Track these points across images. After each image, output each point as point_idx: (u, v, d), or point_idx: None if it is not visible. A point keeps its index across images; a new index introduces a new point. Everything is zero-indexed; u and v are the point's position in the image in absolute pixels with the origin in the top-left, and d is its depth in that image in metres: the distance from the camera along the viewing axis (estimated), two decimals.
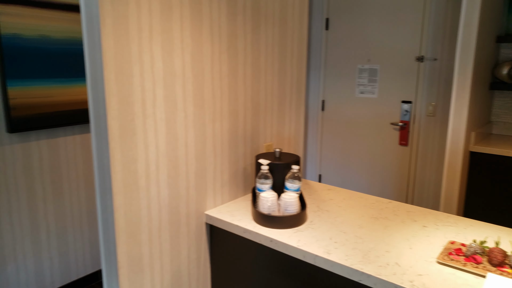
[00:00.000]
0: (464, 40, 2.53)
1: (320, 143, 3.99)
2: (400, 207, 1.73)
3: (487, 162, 2.74)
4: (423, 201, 3.42)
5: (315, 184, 2.05)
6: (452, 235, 1.46)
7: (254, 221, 1.58)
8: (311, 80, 3.97)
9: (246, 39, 1.74)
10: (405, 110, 3.36)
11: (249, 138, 1.85)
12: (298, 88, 2.12)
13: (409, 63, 3.31)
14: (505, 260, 1.21)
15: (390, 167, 3.55)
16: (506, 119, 3.17)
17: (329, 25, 3.75)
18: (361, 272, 1.23)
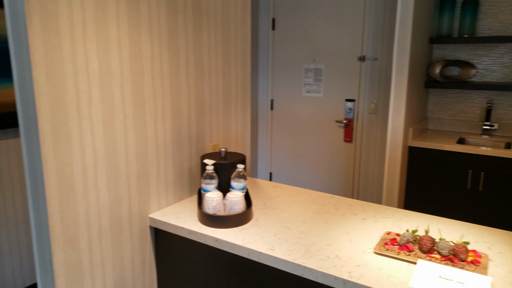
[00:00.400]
0: (399, 41, 2.67)
1: (270, 141, 4.04)
2: (341, 201, 1.79)
3: (424, 156, 2.90)
4: (367, 195, 3.57)
5: (262, 182, 2.07)
6: (389, 226, 1.53)
7: (199, 222, 1.58)
8: (260, 80, 4.01)
9: (187, 38, 1.72)
10: (348, 108, 3.48)
11: (194, 138, 1.83)
12: (243, 87, 2.13)
13: (351, 62, 3.44)
14: (434, 247, 1.30)
15: (336, 163, 3.67)
16: (440, 115, 3.38)
17: (275, 25, 3.80)
18: (303, 266, 1.26)
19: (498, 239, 1.43)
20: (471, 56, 3.18)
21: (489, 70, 3.13)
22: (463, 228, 1.51)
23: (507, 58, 3.05)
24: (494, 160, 2.66)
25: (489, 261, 1.28)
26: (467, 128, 3.26)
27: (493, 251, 1.34)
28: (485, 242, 1.41)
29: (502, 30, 3.04)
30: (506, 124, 3.10)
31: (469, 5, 3.00)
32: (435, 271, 1.18)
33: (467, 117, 3.26)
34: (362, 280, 1.17)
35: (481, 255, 1.28)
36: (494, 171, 2.67)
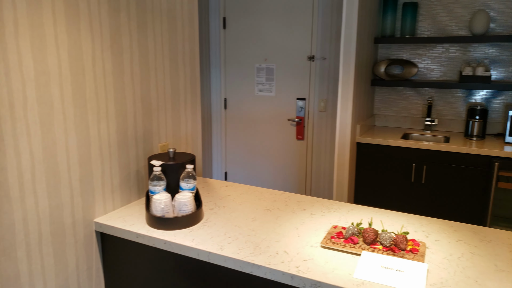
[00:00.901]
0: (346, 41, 2.76)
1: (225, 141, 4.03)
2: (291, 198, 1.82)
3: (371, 151, 3.02)
4: (320, 191, 3.65)
5: (214, 182, 2.06)
6: (335, 220, 1.58)
7: (147, 225, 1.54)
8: (212, 79, 3.98)
9: (131, 36, 1.68)
10: (300, 107, 3.55)
11: (141, 139, 1.79)
12: (192, 86, 2.11)
13: (302, 62, 3.51)
14: (377, 238, 1.35)
15: (289, 161, 3.73)
16: (386, 112, 3.53)
17: (226, 24, 3.80)
18: (252, 263, 1.27)
19: (435, 228, 1.51)
20: (412, 55, 3.34)
21: (429, 69, 3.31)
22: (404, 219, 1.59)
23: (444, 58, 3.24)
24: (435, 153, 2.81)
25: (427, 249, 1.36)
26: (411, 124, 3.43)
27: (430, 239, 1.42)
28: (423, 231, 1.49)
29: (439, 31, 3.22)
30: (445, 119, 3.29)
31: (409, 7, 3.15)
32: (377, 261, 1.23)
33: (410, 113, 3.43)
34: (309, 274, 1.20)
35: (419, 244, 1.35)
36: (435, 164, 2.83)
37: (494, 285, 1.14)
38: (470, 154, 2.72)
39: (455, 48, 3.20)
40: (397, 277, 1.17)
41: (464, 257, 1.29)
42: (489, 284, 1.14)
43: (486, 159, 2.68)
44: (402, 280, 1.15)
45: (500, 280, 1.16)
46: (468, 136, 3.03)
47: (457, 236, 1.44)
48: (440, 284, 1.14)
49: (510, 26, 3.00)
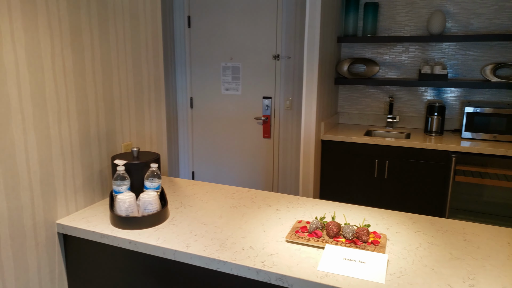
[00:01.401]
0: (309, 40, 2.81)
1: (192, 140, 4.00)
2: (257, 195, 1.84)
3: (335, 148, 3.09)
4: (286, 187, 3.70)
5: (180, 181, 2.05)
6: (300, 215, 1.61)
7: (112, 225, 1.52)
8: (178, 78, 3.95)
9: (92, 34, 1.64)
10: (266, 105, 3.58)
11: (104, 138, 1.76)
12: (156, 84, 2.09)
13: (267, 61, 3.54)
14: (340, 231, 1.39)
15: (257, 159, 3.76)
16: (349, 109, 3.62)
17: (191, 23, 3.77)
18: (218, 260, 1.28)
19: (395, 220, 1.58)
20: (374, 54, 3.45)
21: (390, 67, 3.42)
22: (366, 213, 1.64)
23: (404, 56, 3.36)
24: (396, 149, 2.92)
25: (387, 240, 1.41)
26: (374, 121, 3.53)
27: (390, 231, 1.48)
28: (384, 223, 1.55)
29: (399, 31, 3.34)
30: (405, 116, 3.42)
31: (370, 7, 3.24)
32: (340, 254, 1.27)
33: (373, 111, 3.53)
34: (274, 268, 1.22)
35: (380, 236, 1.40)
36: (397, 159, 2.93)
37: (449, 272, 1.20)
38: (430, 150, 2.84)
39: (414, 47, 3.32)
40: (359, 268, 1.21)
41: (422, 247, 1.36)
42: (444, 271, 1.20)
43: (444, 154, 2.80)
44: (364, 270, 1.20)
45: (454, 267, 1.23)
46: (428, 132, 3.16)
47: (416, 227, 1.51)
48: (399, 273, 1.20)
49: (465, 26, 3.15)
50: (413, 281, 1.15)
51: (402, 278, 1.17)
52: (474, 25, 3.13)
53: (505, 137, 2.85)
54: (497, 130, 2.87)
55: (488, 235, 1.44)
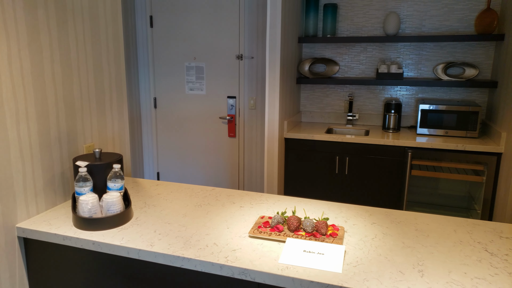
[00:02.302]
0: (271, 40, 2.87)
1: (156, 140, 3.98)
2: (222, 193, 1.88)
3: (298, 146, 3.17)
4: (252, 185, 3.76)
5: (144, 181, 2.06)
6: (263, 211, 1.67)
7: (75, 227, 1.51)
8: (141, 78, 3.91)
9: (51, 34, 1.62)
10: (230, 105, 3.62)
11: (65, 140, 1.74)
12: (118, 85, 2.08)
13: (231, 61, 3.57)
14: (300, 225, 1.45)
15: (222, 158, 3.79)
16: (311, 108, 3.72)
17: (153, 23, 3.75)
18: (182, 257, 1.31)
19: (353, 213, 1.66)
20: (334, 54, 3.56)
21: (349, 67, 3.54)
22: (325, 207, 1.72)
23: (363, 56, 3.49)
24: (356, 146, 3.03)
25: (345, 232, 1.49)
26: (334, 119, 3.65)
27: (348, 223, 1.56)
28: (342, 217, 1.62)
29: (357, 31, 3.46)
30: (365, 114, 3.55)
31: (330, 8, 3.35)
32: (300, 247, 1.33)
33: (333, 109, 3.65)
34: (237, 263, 1.26)
35: (338, 228, 1.48)
36: (356, 156, 3.05)
37: (401, 259, 1.29)
38: (387, 146, 2.97)
39: (372, 47, 3.46)
40: (318, 260, 1.27)
41: (377, 238, 1.44)
42: (397, 259, 1.29)
43: (401, 149, 2.94)
44: (322, 262, 1.26)
45: (406, 255, 1.32)
46: (386, 129, 3.31)
47: (372, 219, 1.60)
48: (356, 263, 1.27)
49: (418, 27, 3.31)
50: (368, 269, 1.23)
51: (358, 267, 1.24)
52: (427, 27, 3.30)
53: (456, 133, 3.03)
54: (449, 126, 3.04)
55: (437, 224, 1.54)
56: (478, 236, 1.44)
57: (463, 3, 3.18)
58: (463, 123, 3.00)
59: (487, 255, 1.31)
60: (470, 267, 1.24)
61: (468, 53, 3.24)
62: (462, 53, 3.25)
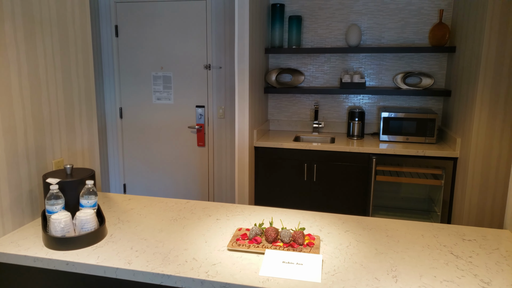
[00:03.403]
0: (239, 51, 2.90)
1: (122, 151, 3.89)
2: (196, 205, 1.88)
3: (268, 154, 3.22)
4: (222, 195, 3.76)
5: (116, 196, 2.02)
6: (240, 223, 1.69)
7: (46, 247, 1.46)
8: (106, 88, 3.82)
9: (18, 48, 1.57)
10: (199, 114, 3.61)
11: (33, 156, 1.68)
12: (87, 98, 2.04)
13: (199, 70, 3.57)
14: (278, 236, 1.49)
15: (191, 168, 3.77)
16: (278, 117, 3.79)
17: (118, 32, 3.68)
18: (162, 274, 1.30)
19: (327, 222, 1.71)
20: (299, 64, 3.65)
21: (314, 77, 3.64)
22: (300, 216, 1.76)
23: (327, 66, 3.60)
24: (323, 153, 3.12)
25: (321, 241, 1.53)
26: (301, 127, 3.73)
27: (323, 232, 1.61)
28: (317, 225, 1.67)
29: (321, 43, 3.57)
30: (330, 122, 3.66)
31: (294, 20, 3.43)
32: (279, 258, 1.36)
33: (300, 117, 3.73)
34: (218, 277, 1.27)
35: (314, 238, 1.52)
36: (324, 163, 3.13)
37: (375, 266, 1.35)
38: (353, 153, 3.08)
39: (335, 58, 3.58)
40: (298, 270, 1.31)
41: (351, 245, 1.50)
42: (371, 266, 1.35)
43: (366, 156, 3.06)
44: (302, 272, 1.30)
45: (379, 262, 1.38)
46: (350, 136, 3.42)
47: (345, 227, 1.66)
48: (333, 272, 1.31)
49: (378, 39, 3.47)
50: (346, 277, 1.28)
51: (336, 276, 1.29)
52: (386, 38, 3.46)
53: (416, 139, 3.19)
54: (409, 133, 3.19)
55: (405, 229, 1.63)
56: (443, 239, 1.53)
57: (417, 17, 3.36)
58: (422, 130, 3.16)
59: (453, 258, 1.40)
60: (439, 270, 1.32)
61: (424, 64, 3.42)
62: (418, 63, 3.43)
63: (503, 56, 2.51)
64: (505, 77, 2.53)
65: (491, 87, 2.56)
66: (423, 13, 3.35)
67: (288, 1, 3.56)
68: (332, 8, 3.49)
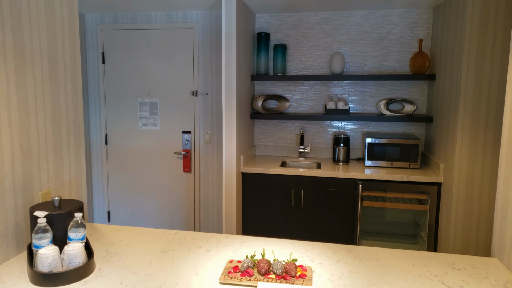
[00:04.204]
0: (226, 79, 2.94)
1: (107, 178, 3.84)
2: (186, 236, 1.86)
3: (255, 180, 3.22)
4: (209, 223, 3.73)
5: (102, 227, 1.98)
6: (230, 254, 1.67)
7: (32, 284, 1.42)
8: (91, 114, 3.80)
9: (9, 80, 1.56)
10: (186, 140, 3.61)
11: (20, 188, 1.65)
12: (76, 128, 2.02)
13: (185, 97, 3.59)
14: (270, 268, 1.48)
15: (177, 195, 3.73)
16: (265, 142, 3.81)
17: (105, 59, 3.69)
18: None
19: (318, 252, 1.72)
20: (285, 91, 3.71)
21: (299, 103, 3.70)
22: (291, 246, 1.76)
23: (311, 93, 3.68)
24: (310, 179, 3.14)
25: (313, 272, 1.53)
26: (287, 152, 3.76)
27: (315, 263, 1.61)
28: (308, 255, 1.68)
29: (305, 70, 3.65)
30: (315, 147, 3.71)
31: (279, 49, 3.51)
32: None
33: (286, 143, 3.77)
34: None
35: (306, 269, 1.52)
36: (311, 188, 3.15)
37: None
38: (339, 178, 3.11)
39: (319, 85, 3.66)
40: None
41: (343, 276, 1.50)
42: None
43: (352, 181, 3.10)
44: None
45: None
46: (336, 161, 3.47)
47: (336, 257, 1.66)
48: None
49: (360, 66, 3.57)
50: None
51: None
52: (368, 66, 3.56)
53: (400, 164, 3.25)
54: (394, 158, 3.26)
55: (396, 258, 1.64)
56: (433, 268, 1.55)
57: (398, 46, 3.49)
58: (406, 155, 3.23)
59: None
60: None
61: (406, 90, 3.53)
62: (400, 90, 3.54)
63: (481, 85, 2.61)
64: (484, 105, 2.63)
65: (471, 115, 2.65)
66: (404, 42, 3.48)
67: (273, 30, 3.64)
68: (316, 37, 3.59)
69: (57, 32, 1.86)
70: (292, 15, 3.60)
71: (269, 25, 3.65)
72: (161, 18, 3.60)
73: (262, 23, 3.65)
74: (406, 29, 3.46)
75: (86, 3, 3.26)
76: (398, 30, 3.47)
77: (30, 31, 1.68)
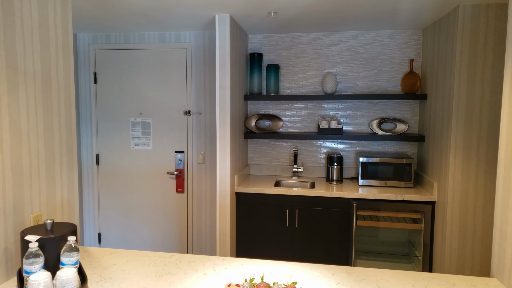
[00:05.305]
0: (220, 99, 2.94)
1: (98, 199, 3.77)
2: (182, 259, 1.82)
3: (249, 200, 3.19)
4: (202, 244, 3.66)
5: (96, 250, 1.93)
6: (228, 278, 1.63)
7: None
8: (82, 134, 3.75)
9: (1, 101, 1.53)
10: (179, 160, 3.58)
11: (10, 211, 1.60)
12: (69, 148, 1.99)
13: (178, 116, 3.58)
14: None
15: (170, 215, 3.67)
16: (258, 161, 3.80)
17: (97, 79, 3.67)
18: None
19: (317, 274, 1.69)
20: (278, 110, 3.72)
21: (292, 122, 3.71)
22: (290, 268, 1.73)
23: (304, 112, 3.69)
24: (305, 199, 3.12)
25: None
26: (281, 171, 3.75)
27: (315, 285, 1.58)
28: (308, 278, 1.64)
29: (298, 90, 3.68)
30: (309, 166, 3.70)
31: (272, 69, 3.54)
32: None
33: (279, 162, 3.76)
34: None
35: None
36: (305, 208, 3.13)
37: None
38: (333, 198, 3.10)
39: (312, 104, 3.68)
40: None
41: None
42: None
43: (346, 201, 3.08)
44: None
45: None
46: (330, 181, 3.46)
47: (336, 279, 1.63)
48: None
49: (353, 86, 3.61)
50: None
51: None
52: (360, 86, 3.60)
53: (394, 183, 3.26)
54: (387, 177, 3.26)
55: (396, 280, 1.62)
56: None
57: (389, 66, 3.54)
58: (399, 174, 3.24)
59: None
60: None
61: (398, 110, 3.57)
62: (392, 109, 3.57)
63: (473, 104, 2.65)
64: (476, 124, 2.66)
65: (463, 134, 2.68)
66: (395, 62, 3.53)
67: (266, 51, 3.68)
68: (308, 57, 3.63)
69: (51, 52, 1.84)
70: (285, 35, 3.65)
71: (262, 46, 3.68)
72: (154, 38, 3.61)
73: (255, 43, 3.69)
74: (397, 49, 3.52)
75: (78, 23, 3.26)
76: (389, 50, 3.53)
77: (23, 51, 1.67)
